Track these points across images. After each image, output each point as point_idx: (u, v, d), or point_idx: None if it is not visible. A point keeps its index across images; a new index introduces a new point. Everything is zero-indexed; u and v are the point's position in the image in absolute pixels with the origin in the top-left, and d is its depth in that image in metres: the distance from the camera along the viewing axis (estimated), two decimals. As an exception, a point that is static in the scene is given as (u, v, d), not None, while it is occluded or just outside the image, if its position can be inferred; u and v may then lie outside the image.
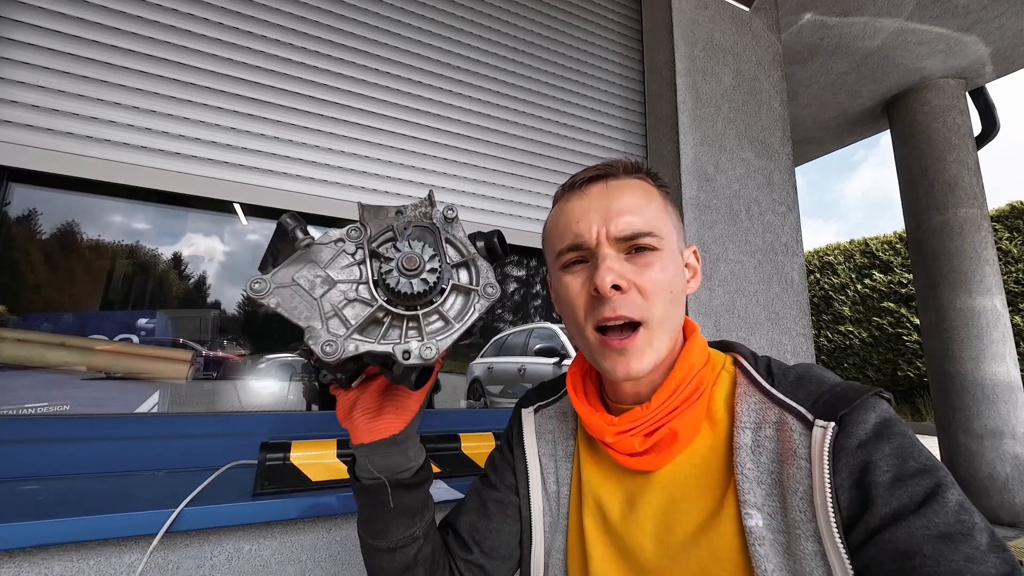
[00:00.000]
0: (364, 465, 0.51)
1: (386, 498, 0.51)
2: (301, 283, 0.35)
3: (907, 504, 0.38)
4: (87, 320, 1.17)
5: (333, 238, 0.38)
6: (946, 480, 0.39)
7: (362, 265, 0.39)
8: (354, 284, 0.37)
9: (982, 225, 2.91)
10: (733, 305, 1.54)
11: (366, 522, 0.54)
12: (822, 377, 0.48)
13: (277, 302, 0.34)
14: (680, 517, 0.50)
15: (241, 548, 0.87)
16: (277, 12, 1.22)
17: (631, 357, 0.49)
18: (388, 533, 0.53)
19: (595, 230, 0.51)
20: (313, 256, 0.36)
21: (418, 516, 0.54)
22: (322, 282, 0.36)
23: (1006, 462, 2.69)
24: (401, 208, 0.42)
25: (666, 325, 0.50)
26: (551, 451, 0.63)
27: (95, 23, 1.04)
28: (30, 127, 0.98)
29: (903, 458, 0.40)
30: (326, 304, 0.36)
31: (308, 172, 1.20)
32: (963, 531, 0.36)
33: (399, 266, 0.37)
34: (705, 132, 1.63)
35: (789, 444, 0.45)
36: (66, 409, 1.05)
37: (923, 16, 2.46)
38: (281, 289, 0.34)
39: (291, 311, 0.34)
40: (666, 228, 0.52)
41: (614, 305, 0.49)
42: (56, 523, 0.72)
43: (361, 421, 0.49)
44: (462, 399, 2.36)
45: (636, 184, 0.54)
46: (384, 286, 0.37)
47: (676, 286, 0.51)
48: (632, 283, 0.49)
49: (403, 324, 0.38)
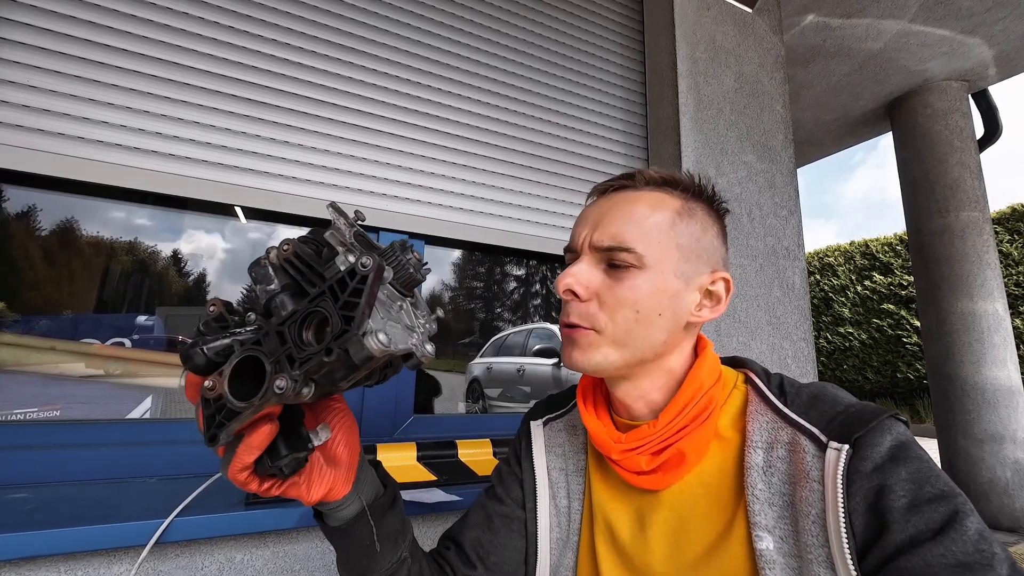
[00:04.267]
0: (351, 509, 0.48)
1: (369, 533, 0.48)
2: (389, 313, 0.35)
3: (923, 531, 0.37)
4: (80, 322, 1.15)
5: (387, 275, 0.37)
6: (964, 507, 0.37)
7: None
8: (388, 295, 0.36)
9: (984, 228, 2.90)
10: (734, 310, 1.53)
11: (350, 564, 0.51)
12: (836, 397, 0.46)
13: (395, 343, 0.33)
14: (690, 537, 0.48)
15: (233, 558, 0.86)
16: (274, 11, 1.20)
17: (575, 348, 0.50)
18: (376, 566, 0.50)
19: (583, 236, 0.52)
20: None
21: (400, 538, 0.52)
22: (388, 306, 0.35)
23: (1006, 467, 2.69)
24: (338, 225, 0.39)
25: (623, 341, 0.49)
26: (561, 465, 0.61)
27: (87, 21, 1.02)
28: (20, 127, 0.96)
29: (920, 483, 0.39)
30: (405, 321, 0.36)
31: (305, 174, 1.18)
32: (982, 561, 0.35)
33: (405, 261, 0.37)
34: (707, 135, 1.61)
35: (802, 466, 0.43)
36: (56, 415, 1.03)
37: (927, 18, 2.45)
38: (387, 331, 0.32)
39: (401, 341, 0.34)
40: (658, 247, 0.49)
41: (568, 310, 0.51)
42: (44, 534, 0.71)
43: (335, 470, 0.44)
44: (460, 401, 2.35)
45: (647, 197, 0.52)
46: (402, 284, 0.38)
47: (647, 306, 0.48)
48: (595, 293, 0.50)
49: (414, 315, 0.40)
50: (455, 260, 1.89)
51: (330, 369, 0.33)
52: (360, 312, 0.31)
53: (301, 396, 0.33)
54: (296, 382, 0.32)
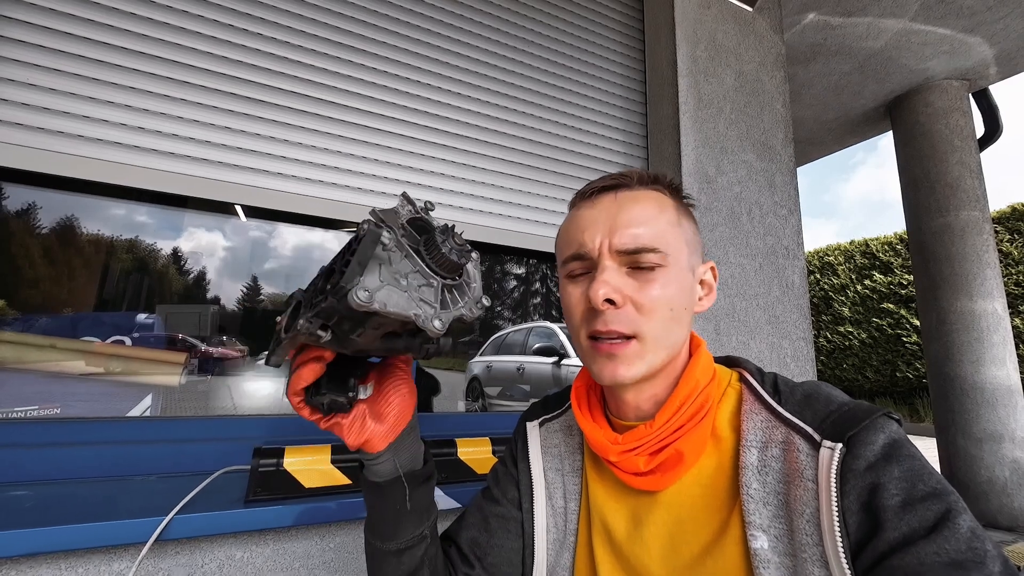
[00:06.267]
0: (385, 466, 0.51)
1: (402, 496, 0.51)
2: (397, 281, 0.38)
3: (917, 529, 0.37)
4: (80, 320, 1.15)
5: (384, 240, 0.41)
6: (957, 505, 0.37)
7: (409, 256, 0.41)
8: (416, 271, 0.40)
9: (984, 228, 2.90)
10: (733, 309, 1.53)
11: (376, 525, 0.54)
12: (830, 396, 0.47)
13: (383, 303, 0.36)
14: (687, 538, 0.49)
15: (233, 556, 0.86)
16: (273, 10, 1.20)
17: (619, 363, 0.48)
18: (399, 533, 0.52)
19: (598, 241, 0.50)
20: (380, 256, 0.38)
21: (426, 514, 0.54)
22: (403, 275, 0.39)
23: (1005, 466, 2.69)
24: (395, 208, 0.44)
25: (662, 342, 0.49)
26: (557, 465, 0.61)
27: (86, 19, 1.02)
28: (19, 125, 0.96)
29: (913, 481, 0.39)
30: (414, 293, 0.39)
31: (305, 173, 1.19)
32: (975, 559, 0.35)
33: (440, 242, 0.40)
34: (707, 133, 1.61)
35: (796, 465, 0.43)
36: (56, 413, 1.03)
37: (927, 17, 2.45)
38: (379, 292, 0.37)
39: (397, 306, 0.37)
40: (675, 243, 0.51)
41: (607, 319, 0.48)
42: (44, 531, 0.71)
43: (378, 426, 0.48)
44: (460, 400, 2.35)
45: (649, 195, 0.52)
46: (436, 264, 0.40)
47: (678, 303, 0.50)
48: (628, 298, 0.48)
49: (446, 296, 0.42)
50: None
51: (339, 319, 0.38)
52: (350, 267, 0.35)
53: (320, 338, 0.39)
54: (310, 323, 0.38)
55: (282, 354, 0.44)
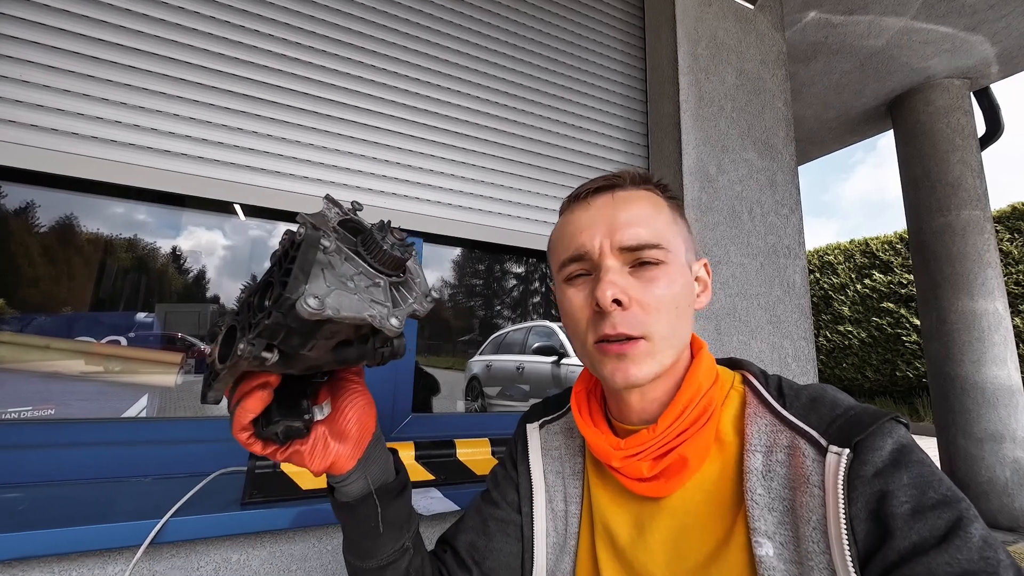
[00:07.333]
0: (356, 485, 0.49)
1: (374, 513, 0.49)
2: (344, 285, 0.37)
3: (927, 538, 0.36)
4: (78, 319, 1.14)
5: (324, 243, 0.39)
6: (969, 513, 0.37)
7: (350, 259, 0.40)
8: (360, 272, 0.39)
9: (985, 227, 2.89)
10: (734, 308, 1.52)
11: (354, 544, 0.52)
12: (836, 399, 0.46)
13: (336, 309, 0.34)
14: (691, 544, 0.48)
15: (229, 559, 0.85)
16: (273, 7, 1.19)
17: (630, 363, 0.47)
18: (379, 551, 0.51)
19: (599, 241, 0.49)
20: (321, 261, 0.37)
21: (406, 526, 0.52)
22: (348, 278, 0.37)
23: (1006, 466, 2.68)
24: (322, 212, 0.42)
25: (670, 340, 0.48)
26: (558, 468, 0.60)
27: (82, 16, 1.01)
28: (13, 123, 0.95)
29: (922, 488, 0.38)
30: (363, 294, 0.38)
31: (304, 172, 1.17)
32: (988, 569, 0.34)
33: (380, 239, 0.38)
34: (708, 132, 1.60)
35: (801, 470, 0.42)
36: (51, 414, 1.02)
37: (929, 15, 2.43)
38: (328, 297, 0.35)
39: (350, 310, 0.35)
40: (674, 241, 0.50)
41: (614, 321, 0.47)
42: (37, 535, 0.70)
43: (341, 446, 0.45)
44: (459, 399, 2.34)
45: (644, 195, 0.52)
46: (379, 262, 0.39)
47: (682, 301, 0.49)
48: (634, 299, 0.47)
49: (395, 294, 0.41)
50: (455, 258, 1.89)
51: (286, 334, 0.35)
52: (292, 276, 0.33)
53: (265, 361, 0.35)
54: (253, 345, 0.35)
55: (221, 388, 0.40)
